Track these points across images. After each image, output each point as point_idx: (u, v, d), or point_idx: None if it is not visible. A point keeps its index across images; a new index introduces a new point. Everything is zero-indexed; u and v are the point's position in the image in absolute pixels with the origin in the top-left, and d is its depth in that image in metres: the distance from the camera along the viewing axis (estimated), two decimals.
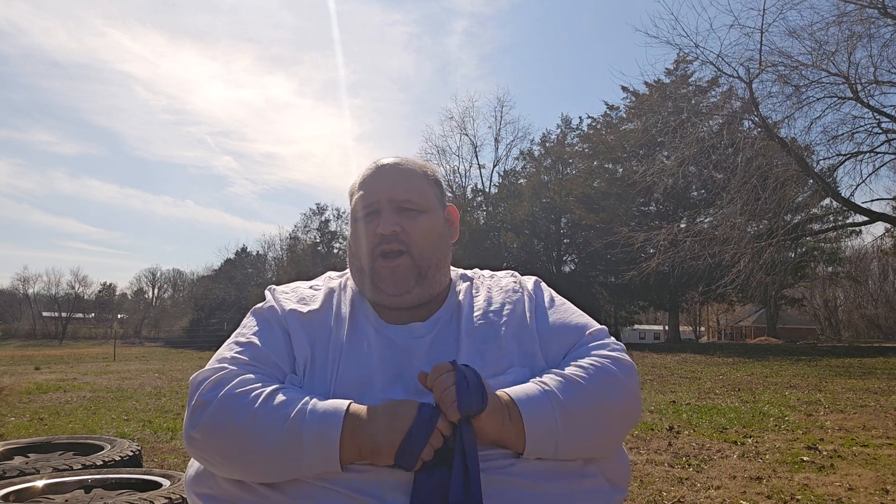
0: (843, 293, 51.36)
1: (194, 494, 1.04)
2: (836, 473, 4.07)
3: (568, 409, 0.98)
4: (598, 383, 1.02)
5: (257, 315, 1.17)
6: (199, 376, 1.03)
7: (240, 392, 0.97)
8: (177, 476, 2.84)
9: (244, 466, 0.95)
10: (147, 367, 17.12)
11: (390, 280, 1.14)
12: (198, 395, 0.99)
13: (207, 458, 0.98)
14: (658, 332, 52.93)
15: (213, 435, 0.95)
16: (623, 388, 1.05)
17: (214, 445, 0.95)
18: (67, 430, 6.18)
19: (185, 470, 1.10)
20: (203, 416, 0.96)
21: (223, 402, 0.96)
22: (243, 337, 1.12)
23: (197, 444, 0.97)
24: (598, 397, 1.01)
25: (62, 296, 67.72)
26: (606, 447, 1.05)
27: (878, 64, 16.10)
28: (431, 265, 1.16)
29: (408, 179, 1.19)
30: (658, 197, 26.93)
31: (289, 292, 1.22)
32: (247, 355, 1.07)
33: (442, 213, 1.23)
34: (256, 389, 0.98)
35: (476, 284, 1.24)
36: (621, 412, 1.05)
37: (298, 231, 46.00)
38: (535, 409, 0.97)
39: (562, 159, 34.78)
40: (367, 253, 1.16)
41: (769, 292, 25.91)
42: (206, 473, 1.02)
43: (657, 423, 6.11)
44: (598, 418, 1.01)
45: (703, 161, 19.79)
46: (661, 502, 3.50)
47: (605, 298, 32.74)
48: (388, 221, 1.14)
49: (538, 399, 0.99)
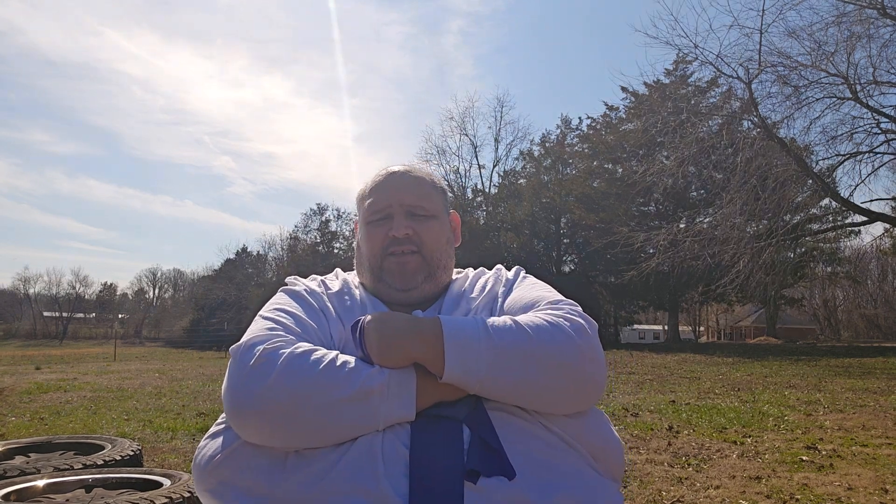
0: (842, 293, 51.38)
1: (216, 482, 1.00)
2: (835, 473, 4.08)
3: (497, 342, 0.96)
4: (538, 330, 0.99)
5: (291, 293, 1.19)
6: (252, 340, 1.00)
7: (304, 351, 0.97)
8: (177, 475, 2.85)
9: (315, 422, 0.92)
10: (148, 366, 17.12)
11: (399, 274, 1.19)
12: (258, 355, 0.96)
13: (270, 418, 0.93)
14: (658, 332, 52.95)
15: (287, 390, 0.92)
16: (568, 340, 0.99)
17: (289, 402, 0.92)
18: (68, 429, 6.18)
19: (195, 458, 1.05)
20: (273, 372, 0.93)
21: (294, 359, 0.95)
22: (284, 309, 1.12)
23: (260, 404, 0.92)
24: (535, 342, 0.97)
25: (63, 296, 67.87)
26: (548, 400, 0.99)
27: (877, 64, 16.15)
28: (440, 266, 1.23)
29: (418, 186, 1.25)
30: (658, 197, 26.97)
31: (311, 281, 1.27)
32: (295, 325, 1.07)
33: (447, 219, 1.30)
34: (320, 350, 0.99)
35: (468, 277, 1.32)
36: (565, 364, 0.98)
37: (299, 231, 46.14)
38: (458, 331, 0.97)
39: (562, 159, 34.81)
40: (377, 253, 1.21)
41: (769, 292, 25.89)
42: (226, 461, 0.99)
43: (657, 422, 6.12)
44: (533, 363, 0.96)
45: (703, 161, 19.79)
46: (660, 502, 3.51)
47: (604, 298, 32.75)
48: (401, 225, 1.20)
49: (466, 324, 0.99)
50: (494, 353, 0.96)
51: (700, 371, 13.10)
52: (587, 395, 1.03)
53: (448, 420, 0.97)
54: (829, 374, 11.92)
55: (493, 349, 0.96)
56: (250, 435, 0.97)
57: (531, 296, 1.15)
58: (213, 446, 1.03)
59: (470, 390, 0.98)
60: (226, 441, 1.01)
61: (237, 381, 0.96)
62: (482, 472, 0.91)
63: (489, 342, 0.96)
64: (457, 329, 0.98)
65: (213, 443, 1.03)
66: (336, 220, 44.42)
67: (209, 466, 1.01)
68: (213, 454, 1.01)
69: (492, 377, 0.96)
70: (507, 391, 0.97)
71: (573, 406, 1.02)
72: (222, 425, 1.05)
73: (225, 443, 1.01)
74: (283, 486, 0.94)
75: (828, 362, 15.31)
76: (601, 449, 1.05)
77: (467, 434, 0.96)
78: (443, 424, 0.97)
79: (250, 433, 0.96)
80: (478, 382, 0.96)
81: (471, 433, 0.96)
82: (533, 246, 34.29)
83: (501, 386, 0.97)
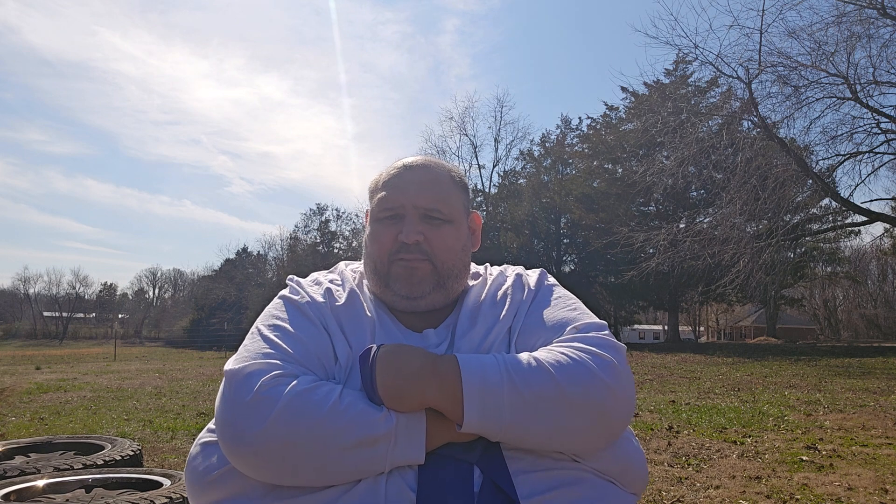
0: (842, 293, 51.37)
1: (208, 502, 0.96)
2: (835, 473, 4.08)
3: (520, 388, 0.89)
4: (563, 370, 0.91)
5: (292, 306, 1.09)
6: (248, 368, 0.93)
7: (305, 390, 0.89)
8: (177, 475, 2.85)
9: (316, 468, 0.87)
10: (147, 366, 17.12)
11: (405, 281, 1.10)
12: (256, 391, 0.89)
13: (267, 460, 0.87)
14: (658, 332, 52.94)
15: (285, 433, 0.86)
16: (595, 381, 0.92)
17: (286, 445, 0.86)
18: (68, 429, 6.18)
19: (188, 466, 1.01)
20: (272, 413, 0.87)
21: (294, 400, 0.88)
22: (283, 328, 1.03)
23: (257, 447, 0.86)
24: (560, 385, 0.90)
25: (63, 296, 67.86)
26: (576, 444, 0.93)
27: (877, 64, 16.14)
28: (452, 275, 1.13)
29: (436, 185, 1.13)
30: (658, 197, 26.92)
31: (314, 286, 1.15)
32: (295, 350, 0.98)
33: (466, 221, 1.19)
34: (324, 386, 0.91)
35: (485, 282, 1.19)
36: (593, 408, 0.91)
37: (299, 231, 46.12)
38: (478, 377, 0.89)
39: (561, 159, 34.81)
40: (384, 256, 1.12)
41: (768, 292, 25.95)
42: (219, 481, 0.94)
43: (657, 422, 6.12)
44: (559, 409, 0.89)
45: (703, 161, 19.79)
46: (660, 502, 3.51)
47: (604, 298, 32.73)
48: (412, 230, 1.09)
49: (486, 368, 0.90)
50: (517, 400, 0.88)
51: (700, 371, 13.10)
52: (616, 432, 0.97)
53: (458, 462, 0.91)
54: (829, 374, 11.92)
55: (516, 396, 0.89)
56: (245, 470, 0.91)
57: (558, 316, 1.06)
58: (205, 462, 0.97)
59: (491, 439, 0.91)
60: (221, 459, 0.95)
61: (233, 419, 0.89)
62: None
63: (512, 388, 0.89)
64: (476, 374, 0.90)
65: (206, 456, 0.98)
66: (336, 220, 44.48)
67: (201, 484, 0.96)
68: (205, 470, 0.96)
69: (514, 425, 0.89)
70: (531, 439, 0.91)
71: (602, 444, 0.97)
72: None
73: (220, 460, 0.95)
74: None
75: (828, 362, 15.31)
76: (625, 468, 1.00)
77: (478, 476, 0.91)
78: (452, 466, 0.91)
79: (245, 470, 0.91)
80: (499, 431, 0.89)
81: (483, 476, 0.91)
82: (533, 246, 34.28)
83: (525, 434, 0.90)
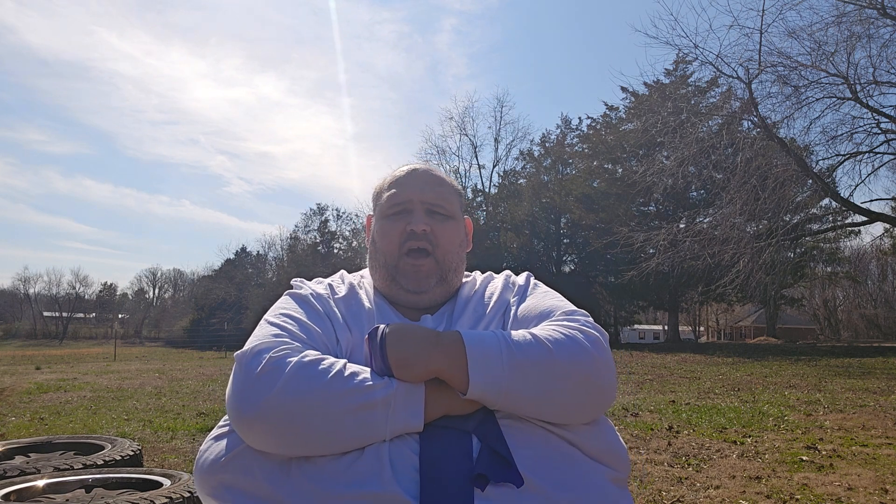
0: (842, 293, 51.37)
1: (218, 485, 0.99)
2: (835, 473, 4.08)
3: (518, 357, 0.97)
4: (557, 343, 1.00)
5: (297, 298, 1.18)
6: (258, 346, 0.99)
7: (311, 360, 0.96)
8: (177, 475, 2.85)
9: (321, 432, 0.92)
10: (147, 366, 17.12)
11: (413, 277, 1.20)
12: (265, 363, 0.95)
13: (275, 427, 0.92)
14: (658, 332, 52.97)
15: (292, 398, 0.91)
16: (586, 353, 1.01)
17: (292, 410, 0.91)
18: (68, 429, 6.18)
19: (198, 458, 1.04)
20: (279, 381, 0.92)
21: (301, 369, 0.94)
22: (289, 314, 1.11)
23: (266, 412, 0.92)
24: (555, 355, 0.98)
25: (63, 296, 67.94)
26: (566, 412, 1.00)
27: (877, 64, 16.14)
28: (451, 269, 1.24)
29: (440, 185, 1.27)
30: (658, 197, 26.92)
31: (317, 284, 1.26)
32: (301, 331, 1.07)
33: (462, 222, 1.32)
34: (328, 359, 0.98)
35: (476, 281, 1.31)
36: (583, 377, 1.00)
37: (299, 231, 46.11)
38: (480, 346, 0.97)
39: (561, 159, 34.82)
40: (393, 248, 1.21)
41: (768, 292, 25.91)
42: (229, 464, 0.98)
43: (657, 422, 6.12)
44: (553, 377, 0.97)
45: (703, 161, 19.78)
46: (660, 502, 3.51)
47: (604, 298, 32.74)
48: (420, 220, 1.20)
49: (487, 338, 0.99)
50: (516, 367, 0.96)
51: (700, 371, 13.10)
52: (602, 404, 1.05)
53: (457, 431, 0.97)
54: (829, 374, 11.93)
55: (515, 364, 0.96)
56: (255, 442, 0.96)
57: (545, 305, 1.16)
58: (216, 449, 1.01)
59: (490, 405, 0.98)
60: (230, 444, 1.00)
61: (243, 389, 0.95)
62: (490, 477, 0.91)
63: (511, 357, 0.97)
64: (479, 344, 0.98)
65: (216, 445, 1.02)
66: (336, 220, 44.48)
67: (212, 469, 1.00)
68: (216, 457, 1.00)
69: (513, 392, 0.96)
70: (526, 405, 0.98)
71: (589, 416, 1.04)
72: (226, 428, 1.04)
73: (229, 446, 1.00)
74: (287, 489, 0.93)
75: (828, 362, 15.31)
76: (608, 453, 1.06)
77: (476, 444, 0.96)
78: (452, 435, 0.96)
79: (255, 440, 0.95)
80: (499, 397, 0.96)
81: (480, 444, 0.96)
82: (533, 246, 34.29)
83: (522, 400, 0.97)
